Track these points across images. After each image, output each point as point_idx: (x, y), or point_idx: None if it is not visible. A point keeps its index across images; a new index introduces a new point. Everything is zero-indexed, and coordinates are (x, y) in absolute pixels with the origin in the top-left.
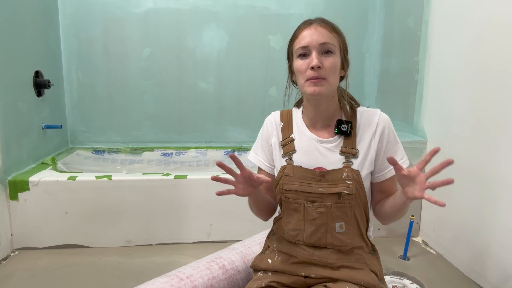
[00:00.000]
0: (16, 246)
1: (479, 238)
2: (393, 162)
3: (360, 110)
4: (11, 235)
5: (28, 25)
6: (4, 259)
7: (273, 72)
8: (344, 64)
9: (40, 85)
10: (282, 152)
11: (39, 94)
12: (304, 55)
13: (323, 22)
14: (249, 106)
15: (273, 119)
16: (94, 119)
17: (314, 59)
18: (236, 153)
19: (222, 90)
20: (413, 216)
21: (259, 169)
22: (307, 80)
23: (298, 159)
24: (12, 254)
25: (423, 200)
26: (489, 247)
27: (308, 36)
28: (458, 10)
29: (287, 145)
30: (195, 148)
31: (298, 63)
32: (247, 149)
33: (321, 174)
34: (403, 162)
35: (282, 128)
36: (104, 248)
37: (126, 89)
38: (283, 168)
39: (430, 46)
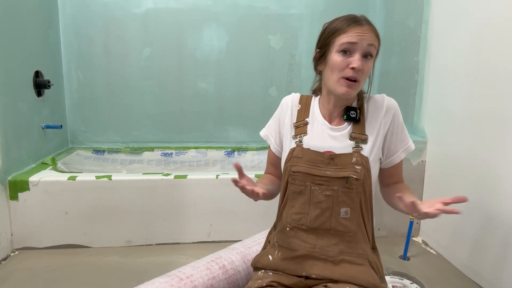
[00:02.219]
0: (16, 246)
1: (479, 238)
2: (411, 206)
3: (366, 97)
4: (11, 235)
5: (28, 25)
6: (4, 259)
7: (273, 72)
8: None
9: (40, 85)
10: (293, 133)
11: (39, 94)
12: (346, 52)
13: (372, 25)
14: (249, 106)
15: (290, 101)
16: (94, 119)
17: (357, 60)
18: (236, 153)
19: (222, 90)
20: (413, 216)
21: (269, 147)
22: (343, 78)
23: (308, 141)
24: (12, 254)
25: (423, 200)
26: (489, 247)
27: (359, 34)
28: (458, 10)
29: (300, 127)
30: (195, 148)
31: (338, 59)
32: (247, 149)
33: (331, 157)
34: (409, 145)
35: (298, 110)
36: (104, 248)
37: (126, 89)
38: (292, 150)
39: (430, 46)
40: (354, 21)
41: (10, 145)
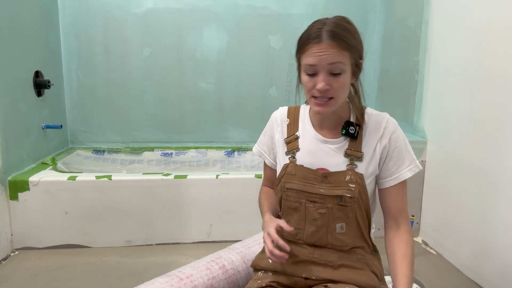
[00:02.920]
0: (16, 246)
1: (479, 238)
2: None
3: (368, 112)
4: (11, 235)
5: (28, 25)
6: (4, 259)
7: (273, 72)
8: (356, 71)
9: (40, 85)
10: (286, 149)
11: (39, 94)
12: (312, 74)
13: (333, 39)
14: (249, 106)
15: (279, 116)
16: (94, 119)
17: (321, 81)
18: (236, 153)
19: (222, 90)
20: (413, 216)
21: (264, 163)
22: (313, 97)
23: (301, 158)
24: (12, 254)
25: (423, 200)
26: (489, 247)
27: (317, 55)
28: (458, 10)
29: (291, 142)
30: (195, 148)
31: (306, 79)
32: (247, 149)
33: (324, 175)
34: (410, 169)
35: (288, 125)
36: (104, 248)
37: (126, 89)
38: (285, 166)
39: (430, 46)
40: (314, 37)
41: (10, 145)
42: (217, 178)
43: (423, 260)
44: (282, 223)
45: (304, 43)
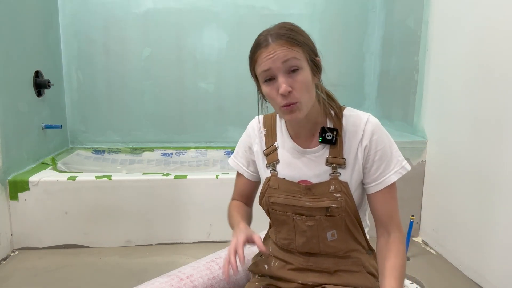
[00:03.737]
0: (16, 246)
1: (479, 238)
2: None
3: (346, 114)
4: (11, 235)
5: (28, 25)
6: (4, 259)
7: None
8: (316, 69)
9: (40, 85)
10: (266, 162)
11: (39, 94)
12: (270, 79)
13: (279, 38)
14: (249, 106)
15: (256, 126)
16: (94, 119)
17: (281, 84)
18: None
19: (222, 90)
20: (413, 216)
21: (238, 175)
22: (280, 107)
23: (282, 170)
24: (12, 254)
25: (423, 200)
26: (489, 247)
27: (268, 58)
28: (458, 10)
29: (271, 154)
30: (195, 148)
31: (267, 89)
32: None
33: (307, 188)
34: (396, 172)
35: (265, 135)
36: (104, 248)
37: (126, 89)
38: (268, 180)
39: (430, 46)
40: (261, 44)
41: (10, 145)
42: (217, 178)
43: (423, 260)
44: (257, 240)
45: (254, 53)
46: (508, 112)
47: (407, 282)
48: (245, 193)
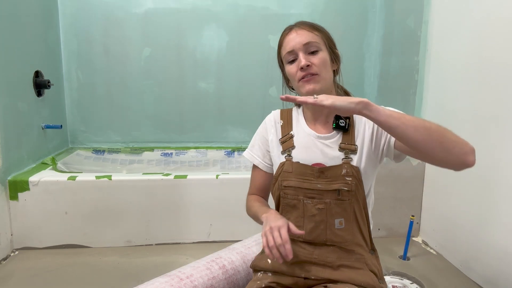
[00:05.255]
0: (16, 246)
1: (479, 238)
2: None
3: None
4: (11, 235)
5: (28, 25)
6: (4, 259)
7: (273, 72)
8: (334, 58)
9: (40, 85)
10: (281, 149)
11: (39, 94)
12: (293, 60)
13: (302, 24)
14: (249, 106)
15: (273, 118)
16: (94, 119)
17: (301, 59)
18: (235, 153)
19: (222, 90)
20: (413, 216)
21: (254, 167)
22: (300, 80)
23: (297, 154)
24: (12, 254)
25: (423, 200)
26: (489, 247)
27: (291, 41)
28: (458, 10)
29: (286, 141)
30: (195, 148)
31: (289, 68)
32: None
33: (320, 171)
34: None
35: (282, 126)
36: (104, 248)
37: (126, 89)
38: (282, 164)
39: (430, 46)
40: (285, 31)
41: (10, 145)
42: (217, 178)
43: (423, 260)
44: (291, 225)
45: (279, 41)
46: (508, 113)
47: (407, 282)
48: (261, 187)
